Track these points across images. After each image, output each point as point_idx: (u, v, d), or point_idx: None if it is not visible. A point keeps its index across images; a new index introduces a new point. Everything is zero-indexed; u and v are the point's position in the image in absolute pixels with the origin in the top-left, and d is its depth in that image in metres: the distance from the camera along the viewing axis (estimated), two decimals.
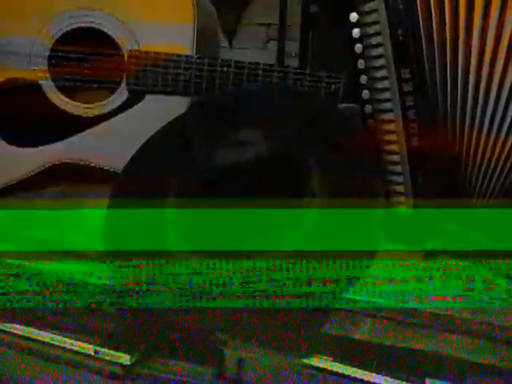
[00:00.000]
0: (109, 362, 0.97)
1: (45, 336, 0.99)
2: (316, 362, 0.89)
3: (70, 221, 0.98)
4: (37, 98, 1.00)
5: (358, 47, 0.89)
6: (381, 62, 0.83)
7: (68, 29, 0.98)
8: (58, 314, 0.99)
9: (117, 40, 0.99)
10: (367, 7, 0.83)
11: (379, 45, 0.83)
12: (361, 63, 0.89)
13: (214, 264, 0.84)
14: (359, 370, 0.87)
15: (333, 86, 0.99)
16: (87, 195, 1.01)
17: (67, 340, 0.99)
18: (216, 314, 0.90)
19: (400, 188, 0.85)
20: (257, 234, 0.85)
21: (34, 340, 0.99)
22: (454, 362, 0.83)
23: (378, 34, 0.82)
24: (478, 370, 0.81)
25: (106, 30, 0.98)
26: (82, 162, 1.01)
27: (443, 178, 0.82)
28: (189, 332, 0.94)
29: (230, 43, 1.74)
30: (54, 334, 0.98)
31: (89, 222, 0.97)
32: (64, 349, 0.98)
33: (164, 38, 0.99)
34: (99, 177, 1.01)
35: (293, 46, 1.71)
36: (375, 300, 0.86)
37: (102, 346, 0.98)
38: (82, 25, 0.98)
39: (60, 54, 0.99)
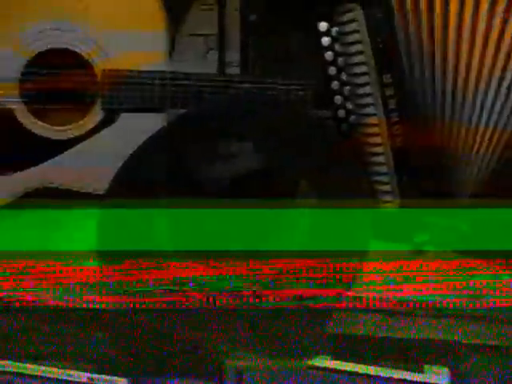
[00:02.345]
0: None
1: (36, 370, 0.97)
2: (316, 360, 0.92)
3: None
4: (8, 123, 0.97)
5: (329, 54, 0.93)
6: (362, 68, 0.87)
7: (39, 50, 0.96)
8: (49, 343, 0.98)
9: (88, 59, 0.97)
10: (346, 17, 0.87)
11: (359, 52, 0.87)
12: (332, 70, 0.93)
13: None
14: (358, 365, 0.90)
15: (301, 93, 1.02)
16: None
17: (60, 371, 0.97)
18: (212, 328, 0.92)
19: (387, 187, 0.90)
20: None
21: (27, 375, 0.96)
22: (449, 347, 0.88)
23: (358, 42, 0.86)
24: (472, 353, 0.87)
25: (77, 49, 0.97)
26: (62, 187, 0.99)
27: (427, 176, 0.87)
28: (183, 347, 0.95)
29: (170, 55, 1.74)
30: (47, 365, 0.97)
31: None
32: (58, 380, 0.97)
33: (135, 47, 0.98)
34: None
35: (233, 56, 1.73)
36: (370, 294, 0.90)
37: (96, 372, 0.97)
38: (53, 46, 0.96)
39: (31, 76, 0.97)
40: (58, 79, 0.98)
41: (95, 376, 0.96)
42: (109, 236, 0.90)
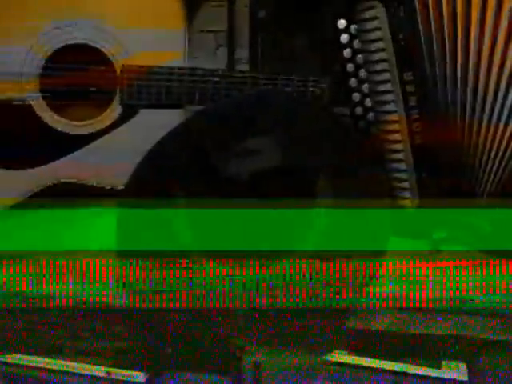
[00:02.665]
0: (123, 381, 0.97)
1: (55, 364, 0.97)
2: (335, 356, 0.92)
3: None
4: (28, 118, 0.97)
5: (348, 52, 0.93)
6: (383, 66, 0.88)
7: (59, 46, 0.96)
8: (67, 339, 0.98)
9: (108, 54, 0.98)
10: (367, 14, 0.87)
11: (381, 50, 0.87)
12: (350, 67, 0.94)
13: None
14: (375, 360, 0.91)
15: (318, 90, 1.03)
16: None
17: (78, 365, 0.97)
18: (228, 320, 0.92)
19: (405, 184, 0.90)
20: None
21: (46, 370, 0.97)
22: (466, 344, 0.89)
23: (379, 39, 0.87)
24: (489, 349, 0.87)
25: (96, 45, 0.97)
26: (79, 181, 0.99)
27: (447, 173, 0.88)
28: (201, 341, 0.96)
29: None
30: (65, 360, 0.97)
31: None
32: (77, 374, 0.97)
33: (155, 45, 0.99)
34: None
35: (243, 53, 1.73)
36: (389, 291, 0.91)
37: (114, 367, 0.97)
38: (72, 41, 0.96)
39: (51, 72, 0.97)
40: (78, 75, 0.98)
41: (113, 370, 0.97)
42: (128, 235, 0.90)
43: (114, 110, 1.00)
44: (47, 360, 0.97)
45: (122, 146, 1.00)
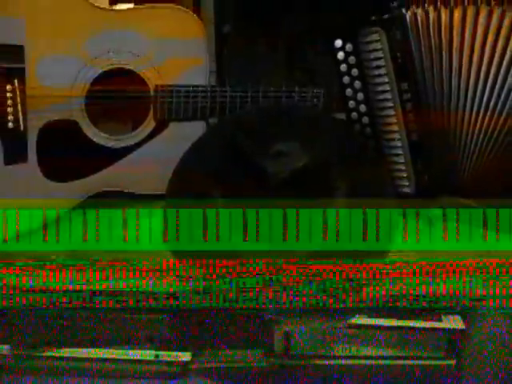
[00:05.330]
0: (169, 362, 1.09)
1: (106, 353, 1.07)
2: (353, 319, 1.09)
3: None
4: (75, 135, 1.10)
5: (344, 67, 1.13)
6: (383, 79, 1.08)
7: (100, 71, 1.10)
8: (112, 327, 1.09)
9: (142, 75, 1.12)
10: (369, 39, 1.08)
11: (381, 66, 1.08)
12: (346, 79, 1.14)
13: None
14: (390, 319, 1.09)
15: (315, 100, 1.22)
16: None
17: (129, 351, 1.09)
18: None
19: (403, 174, 1.11)
20: None
21: (96, 360, 1.06)
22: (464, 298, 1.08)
23: (380, 58, 1.07)
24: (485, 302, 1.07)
25: (132, 67, 1.11)
26: (119, 189, 1.13)
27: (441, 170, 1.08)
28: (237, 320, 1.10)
29: None
30: (113, 349, 1.08)
31: None
32: (128, 361, 1.08)
33: (179, 54, 1.13)
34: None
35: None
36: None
37: (161, 350, 1.09)
38: (112, 66, 1.10)
39: (95, 94, 1.10)
40: (118, 95, 1.12)
41: (161, 353, 1.09)
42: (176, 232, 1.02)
43: (149, 125, 1.14)
44: (96, 350, 1.07)
45: (155, 155, 1.14)
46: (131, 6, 1.16)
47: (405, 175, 1.11)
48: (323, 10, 1.33)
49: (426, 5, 1.06)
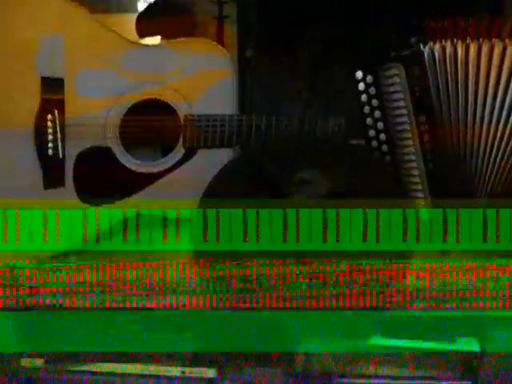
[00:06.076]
0: (195, 378, 1.13)
1: (133, 368, 1.12)
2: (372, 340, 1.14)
3: None
4: (110, 162, 1.16)
5: (364, 97, 1.19)
6: (402, 111, 1.14)
7: (134, 101, 1.17)
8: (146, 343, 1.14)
9: (173, 105, 1.19)
10: (389, 73, 1.13)
11: (400, 99, 1.14)
12: (366, 109, 1.19)
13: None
14: (406, 340, 1.13)
15: (336, 128, 1.27)
16: None
17: (156, 368, 1.13)
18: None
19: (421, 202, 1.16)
20: None
21: (123, 375, 1.11)
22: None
23: (399, 91, 1.13)
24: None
25: (163, 98, 1.18)
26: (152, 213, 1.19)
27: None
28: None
29: None
30: (141, 364, 1.12)
31: None
32: (155, 376, 1.12)
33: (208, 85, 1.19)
34: None
35: None
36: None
37: (188, 366, 1.14)
38: (147, 96, 1.17)
39: (128, 123, 1.17)
40: (150, 124, 1.18)
41: (187, 369, 1.14)
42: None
43: (178, 152, 1.20)
44: (124, 365, 1.13)
45: (184, 180, 1.20)
46: (158, 38, 1.23)
47: (422, 203, 1.16)
48: (346, 41, 1.39)
49: (443, 40, 1.12)
